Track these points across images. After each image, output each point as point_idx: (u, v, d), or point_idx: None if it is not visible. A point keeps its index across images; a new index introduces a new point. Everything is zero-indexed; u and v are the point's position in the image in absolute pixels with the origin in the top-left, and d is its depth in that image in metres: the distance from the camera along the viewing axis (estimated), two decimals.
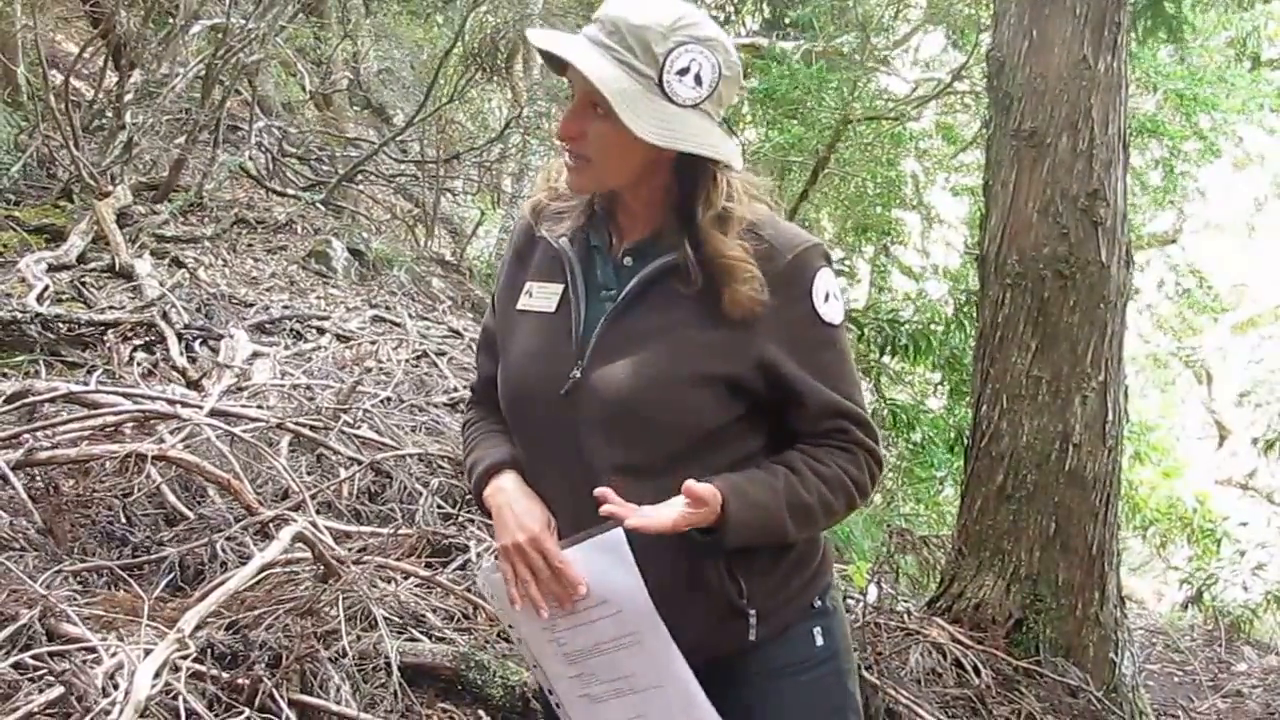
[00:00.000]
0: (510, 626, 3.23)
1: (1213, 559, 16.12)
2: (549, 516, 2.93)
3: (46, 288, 8.31)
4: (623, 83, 2.70)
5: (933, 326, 12.32)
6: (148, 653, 4.13)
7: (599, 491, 2.70)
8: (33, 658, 4.18)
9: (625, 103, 2.67)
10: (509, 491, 2.98)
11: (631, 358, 2.83)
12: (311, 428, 6.63)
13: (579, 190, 2.93)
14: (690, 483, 2.70)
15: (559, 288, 2.94)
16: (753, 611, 2.94)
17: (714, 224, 2.81)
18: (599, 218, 2.95)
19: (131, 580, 5.21)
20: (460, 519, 6.28)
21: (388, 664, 4.80)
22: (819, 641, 3.01)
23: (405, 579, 5.51)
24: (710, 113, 2.78)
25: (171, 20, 11.28)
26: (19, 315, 7.80)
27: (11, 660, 4.13)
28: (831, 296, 2.85)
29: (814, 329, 2.85)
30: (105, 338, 8.00)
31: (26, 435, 5.99)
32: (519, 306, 3.02)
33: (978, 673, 7.63)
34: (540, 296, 2.98)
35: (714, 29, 2.78)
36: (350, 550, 5.56)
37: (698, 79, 2.72)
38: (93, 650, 4.22)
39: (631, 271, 2.87)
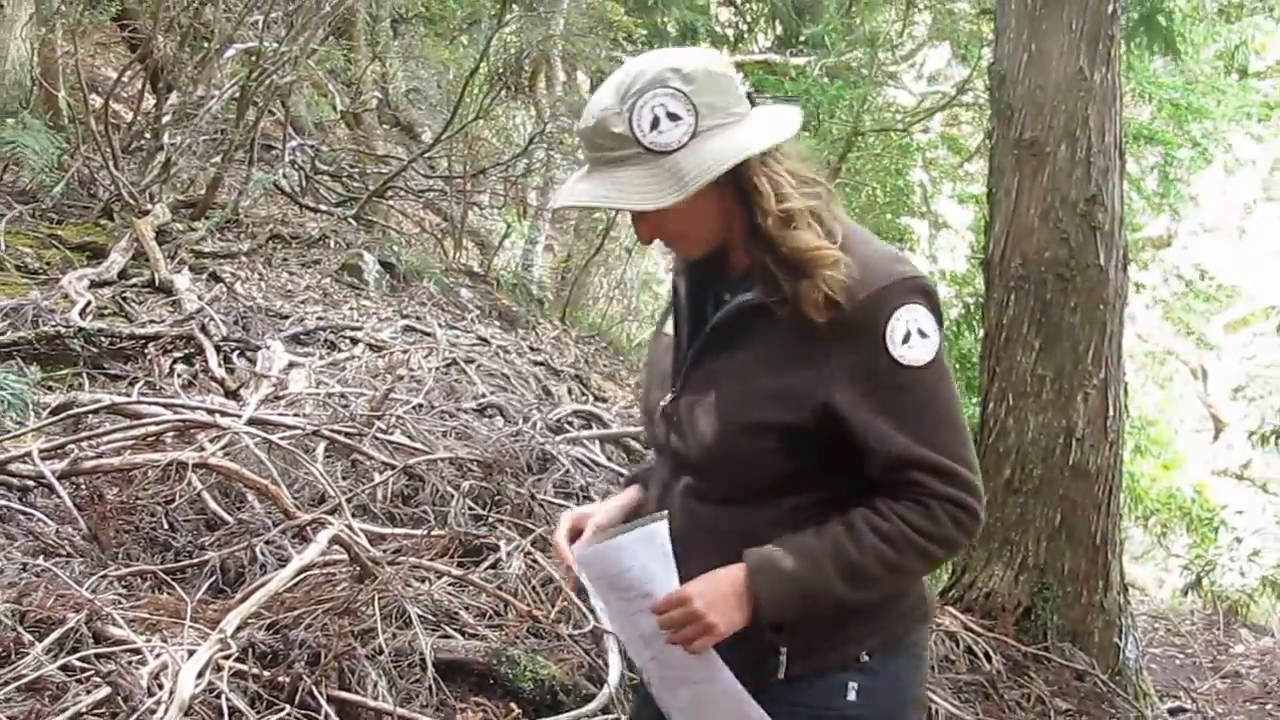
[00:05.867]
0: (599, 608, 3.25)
1: (1211, 546, 16.11)
2: (598, 517, 3.01)
3: (89, 303, 8.30)
4: (621, 183, 2.66)
5: None
6: (191, 653, 4.11)
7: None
8: (80, 660, 4.16)
9: (637, 195, 2.64)
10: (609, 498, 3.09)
11: (704, 397, 2.76)
12: (346, 434, 6.61)
13: (693, 256, 2.86)
14: (667, 596, 2.70)
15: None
16: (784, 649, 2.80)
17: (779, 226, 2.66)
18: (716, 254, 2.82)
19: (174, 584, 5.19)
20: (490, 520, 6.26)
21: (422, 660, 4.78)
22: (850, 697, 2.78)
23: (438, 578, 5.49)
24: (715, 125, 2.64)
25: (207, 44, 11.26)
26: (63, 330, 7.79)
27: (60, 662, 4.11)
28: (916, 335, 2.59)
29: (888, 373, 2.61)
30: (146, 350, 7.99)
31: (71, 445, 5.97)
32: (664, 330, 3.04)
33: (989, 659, 7.63)
34: (670, 326, 2.98)
35: (653, 64, 2.68)
36: (385, 551, 5.54)
37: (671, 116, 2.62)
38: (138, 652, 4.20)
39: (719, 307, 2.79)
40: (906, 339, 2.59)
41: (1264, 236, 24.70)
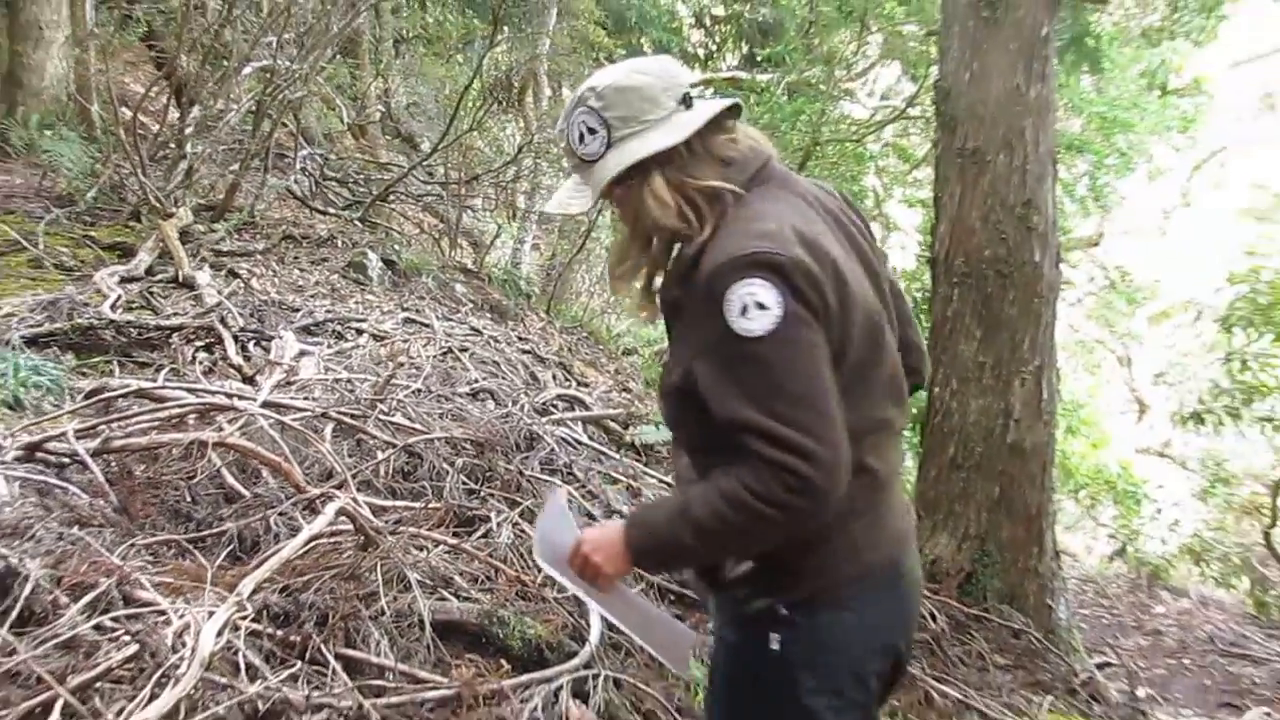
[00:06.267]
0: None
1: (1135, 517, 16.21)
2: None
3: (119, 297, 8.28)
4: (568, 190, 2.94)
5: None
6: (211, 614, 4.11)
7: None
8: (111, 620, 4.16)
9: (572, 201, 2.91)
10: None
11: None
12: (352, 416, 6.60)
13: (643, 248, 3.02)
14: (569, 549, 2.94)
15: None
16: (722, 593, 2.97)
17: (657, 217, 2.83)
18: None
19: (196, 551, 5.19)
20: (482, 494, 6.27)
21: (421, 621, 4.80)
22: (774, 647, 2.83)
23: (435, 546, 5.50)
24: (627, 134, 2.81)
25: (226, 63, 11.24)
26: (95, 322, 7.79)
27: (93, 622, 4.11)
28: (754, 308, 2.57)
29: (727, 343, 2.60)
30: (171, 340, 7.97)
31: (103, 426, 5.96)
32: None
33: (934, 619, 7.64)
34: None
35: (582, 86, 2.91)
36: (387, 522, 5.54)
37: (591, 130, 2.83)
38: (163, 613, 4.19)
39: None
40: (744, 311, 2.57)
41: (1182, 238, 24.86)
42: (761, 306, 2.57)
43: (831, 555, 2.79)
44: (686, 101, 2.84)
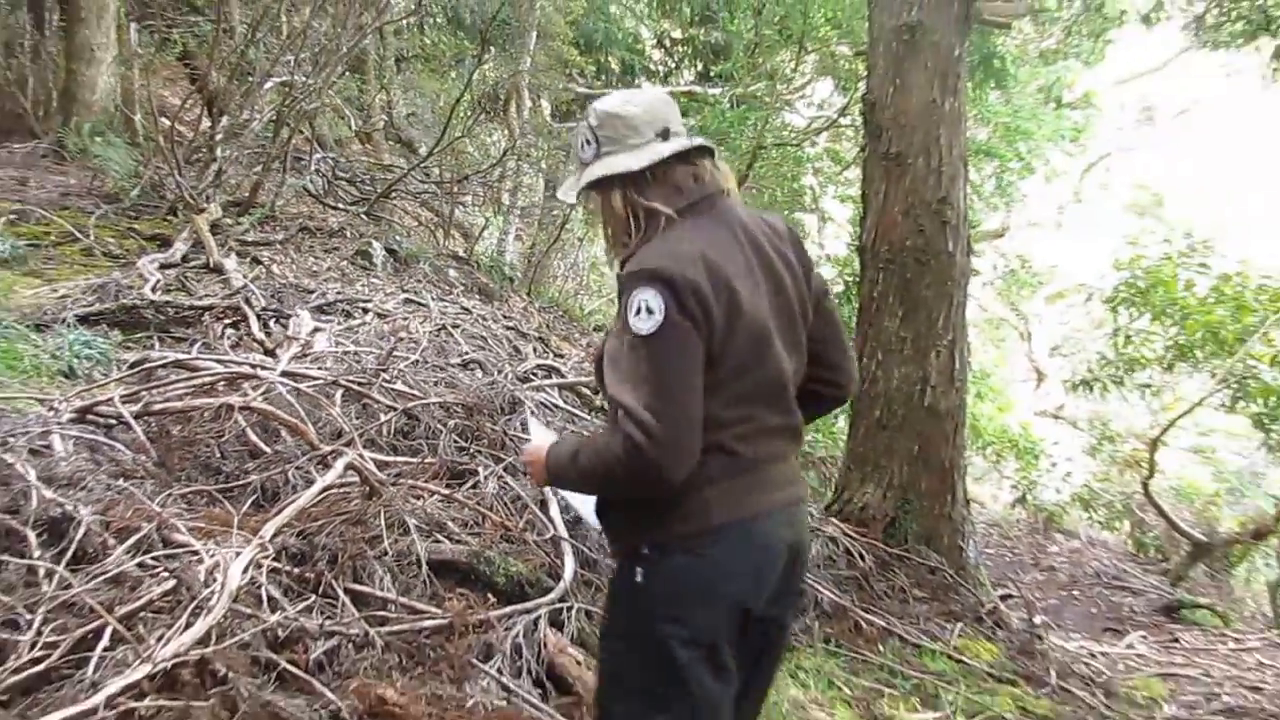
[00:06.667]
0: None
1: (1033, 470, 16.33)
2: None
3: (158, 281, 8.25)
4: (570, 183, 3.14)
5: None
6: (238, 554, 4.11)
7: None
8: (151, 559, 4.16)
9: (569, 192, 3.12)
10: None
11: None
12: (358, 383, 6.58)
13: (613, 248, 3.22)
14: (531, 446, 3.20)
15: None
16: (604, 533, 3.26)
17: (612, 227, 3.09)
18: None
19: (224, 500, 5.18)
20: (471, 450, 6.26)
21: (418, 560, 4.82)
22: (638, 579, 2.96)
23: (430, 496, 5.51)
24: (610, 151, 3.00)
25: (250, 78, 11.19)
26: (138, 302, 7.79)
27: (136, 561, 4.12)
28: (644, 311, 2.75)
29: (623, 334, 2.80)
30: (202, 318, 7.94)
31: (144, 392, 5.96)
32: None
33: (862, 558, 7.69)
34: None
35: (589, 108, 3.11)
36: (389, 475, 5.54)
37: (586, 141, 3.02)
38: (196, 553, 4.20)
39: None
40: (638, 312, 2.76)
41: (1075, 230, 25.06)
42: (650, 311, 2.75)
43: (686, 511, 2.90)
44: (665, 134, 3.00)
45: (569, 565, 5.27)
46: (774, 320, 2.97)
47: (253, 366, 6.55)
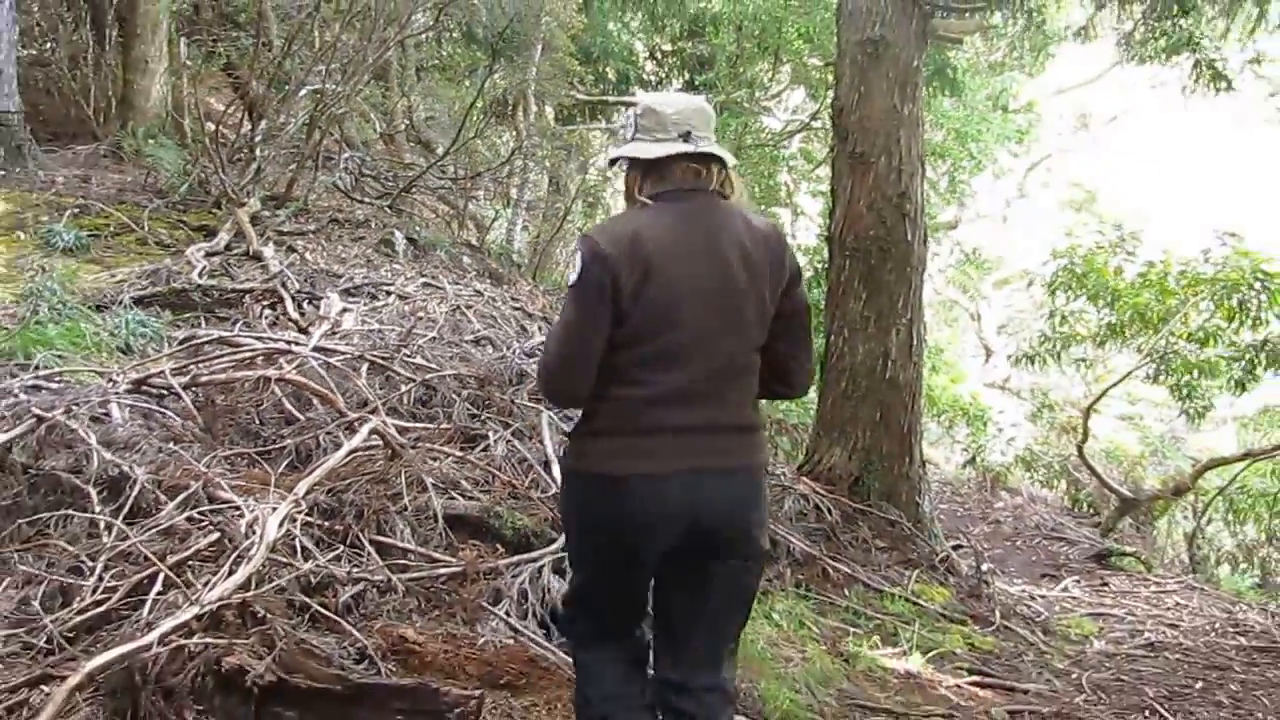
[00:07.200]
0: None
1: (981, 435, 16.34)
2: None
3: (204, 267, 8.25)
4: (612, 150, 3.30)
5: None
6: (275, 509, 4.13)
7: None
8: (198, 513, 4.19)
9: (613, 153, 3.21)
10: None
11: None
12: (382, 357, 6.58)
13: None
14: None
15: None
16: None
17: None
18: None
19: (263, 461, 5.20)
20: (483, 418, 6.26)
21: (435, 515, 4.85)
22: (566, 485, 3.21)
23: (446, 458, 5.50)
24: (641, 135, 3.08)
25: (286, 86, 11.17)
26: (187, 286, 7.80)
27: (184, 515, 4.15)
28: (573, 270, 2.92)
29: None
30: (244, 300, 7.93)
31: (192, 366, 5.98)
32: None
33: (830, 513, 7.71)
34: None
35: (640, 97, 3.25)
36: (409, 439, 5.54)
37: (630, 122, 3.13)
38: (238, 508, 4.21)
39: None
40: (571, 268, 2.94)
41: (1019, 223, 25.13)
42: (574, 270, 2.92)
43: (579, 451, 3.09)
44: (686, 137, 3.03)
45: None
46: (704, 298, 2.94)
47: (288, 343, 6.57)
